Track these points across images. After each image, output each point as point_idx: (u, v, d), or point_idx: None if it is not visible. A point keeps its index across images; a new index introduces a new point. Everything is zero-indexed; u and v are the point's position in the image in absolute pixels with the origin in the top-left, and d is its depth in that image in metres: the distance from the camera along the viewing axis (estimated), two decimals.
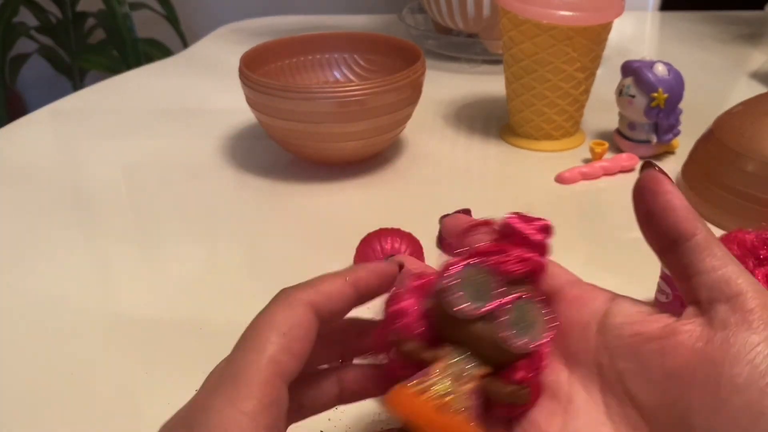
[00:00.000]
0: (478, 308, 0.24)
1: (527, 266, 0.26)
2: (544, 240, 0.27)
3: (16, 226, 0.54)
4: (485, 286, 0.25)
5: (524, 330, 0.25)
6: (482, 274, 0.25)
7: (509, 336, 0.24)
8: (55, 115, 0.74)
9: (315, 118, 0.54)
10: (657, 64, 0.58)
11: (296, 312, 0.25)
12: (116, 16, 1.53)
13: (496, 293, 0.25)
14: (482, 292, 0.25)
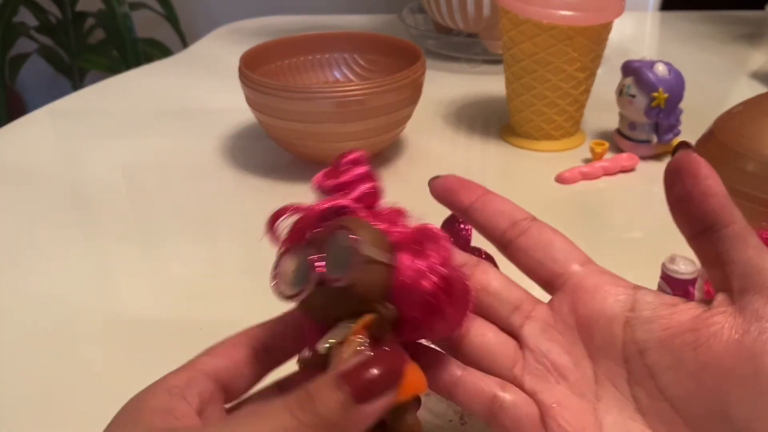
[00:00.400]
0: (296, 290, 0.24)
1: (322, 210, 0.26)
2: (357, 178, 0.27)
3: (15, 226, 0.54)
4: (300, 263, 0.25)
5: (340, 261, 0.24)
6: (295, 254, 0.25)
7: (332, 277, 0.24)
8: (55, 115, 0.74)
9: (315, 118, 0.54)
10: (657, 64, 0.58)
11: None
12: (116, 16, 1.53)
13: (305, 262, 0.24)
14: (301, 268, 0.25)
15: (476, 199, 0.30)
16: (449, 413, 0.35)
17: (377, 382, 0.21)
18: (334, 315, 0.25)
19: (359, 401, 0.21)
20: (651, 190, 0.57)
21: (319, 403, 0.21)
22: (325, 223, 0.26)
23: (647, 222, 0.53)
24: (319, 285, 0.24)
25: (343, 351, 0.24)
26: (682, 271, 0.41)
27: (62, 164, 0.64)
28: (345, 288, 0.24)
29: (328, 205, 0.26)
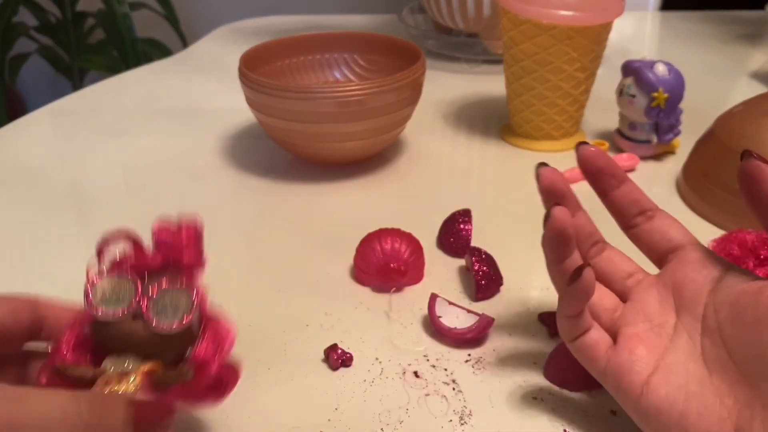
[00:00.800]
0: (117, 310, 0.27)
1: (161, 259, 0.28)
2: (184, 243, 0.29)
3: (16, 226, 0.54)
4: (127, 290, 0.28)
5: (169, 314, 0.27)
6: (124, 281, 0.28)
7: (156, 322, 0.27)
8: (55, 115, 0.74)
9: (315, 118, 0.54)
10: (657, 64, 0.58)
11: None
12: (116, 16, 1.54)
13: (136, 292, 0.28)
14: (124, 295, 0.28)
15: (618, 186, 0.36)
16: (449, 413, 0.35)
17: (157, 424, 0.26)
18: (122, 347, 0.27)
19: (135, 429, 0.25)
20: (651, 189, 0.57)
21: (106, 409, 0.24)
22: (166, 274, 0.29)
23: None
24: (131, 316, 0.27)
25: (121, 381, 0.26)
26: None
27: (62, 164, 0.64)
28: (156, 335, 0.27)
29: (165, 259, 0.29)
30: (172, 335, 0.27)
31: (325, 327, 0.42)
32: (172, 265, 0.29)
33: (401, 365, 0.39)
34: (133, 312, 0.27)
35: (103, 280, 0.28)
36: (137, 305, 0.28)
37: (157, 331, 0.27)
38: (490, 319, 0.40)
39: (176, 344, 0.28)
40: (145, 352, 0.28)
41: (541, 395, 0.36)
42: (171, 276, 0.29)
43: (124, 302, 0.27)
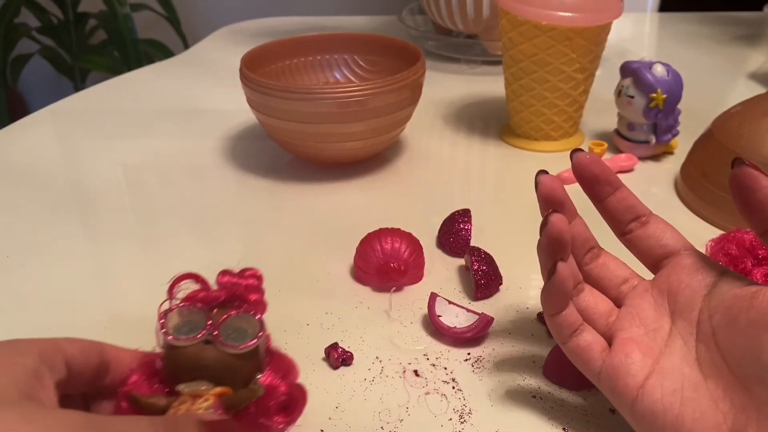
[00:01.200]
0: (190, 336, 0.29)
1: (227, 294, 0.31)
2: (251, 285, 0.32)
3: (17, 226, 0.54)
4: (198, 319, 0.30)
5: (239, 338, 0.30)
6: (194, 312, 0.30)
7: (224, 343, 0.29)
8: (57, 116, 0.74)
9: (315, 118, 0.55)
10: (656, 65, 0.58)
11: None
12: (117, 17, 1.54)
13: (207, 320, 0.30)
14: (195, 324, 0.30)
15: (612, 193, 0.36)
16: (449, 412, 0.36)
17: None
18: (194, 374, 0.29)
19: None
20: (649, 190, 0.58)
21: (181, 430, 0.26)
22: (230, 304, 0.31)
23: None
24: (204, 342, 0.29)
25: (194, 403, 0.28)
26: None
27: (64, 164, 0.65)
28: (228, 356, 0.29)
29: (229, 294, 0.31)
30: (242, 357, 0.29)
31: (325, 326, 0.42)
32: (237, 299, 0.31)
33: (401, 364, 0.39)
34: (204, 338, 0.29)
35: (174, 312, 0.30)
36: (208, 331, 0.29)
37: (228, 352, 0.29)
38: (490, 318, 0.40)
39: (246, 367, 0.30)
40: (217, 377, 0.29)
41: (540, 394, 0.37)
42: (237, 307, 0.31)
43: (196, 330, 0.29)
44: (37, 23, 1.71)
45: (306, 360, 0.39)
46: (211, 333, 0.29)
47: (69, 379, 0.27)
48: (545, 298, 0.33)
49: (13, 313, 0.45)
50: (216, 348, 0.29)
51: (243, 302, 0.32)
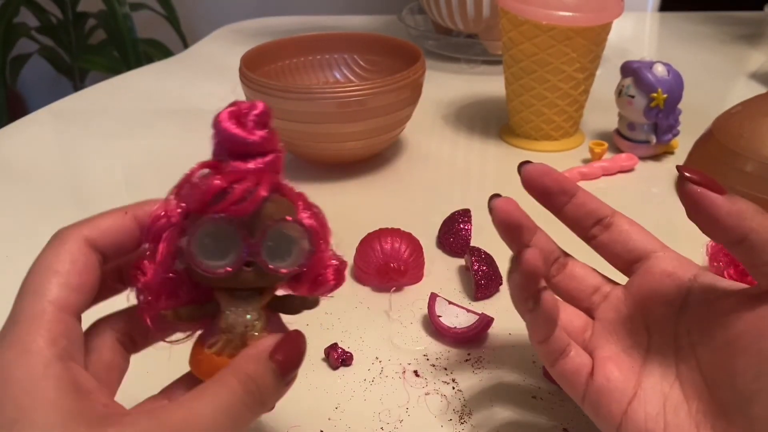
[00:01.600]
0: (224, 265, 0.24)
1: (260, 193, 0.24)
2: (264, 137, 0.25)
3: (16, 226, 0.54)
4: (231, 239, 0.24)
5: (283, 251, 0.24)
6: (224, 227, 0.24)
7: (271, 266, 0.24)
8: (56, 116, 0.74)
9: (315, 118, 0.55)
10: (656, 65, 0.58)
11: (70, 248, 0.25)
12: (117, 17, 1.54)
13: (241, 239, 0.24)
14: (228, 245, 0.24)
15: (569, 200, 0.34)
16: (449, 412, 0.36)
17: (297, 354, 0.25)
18: (239, 288, 0.25)
19: (283, 375, 0.24)
20: (650, 190, 0.58)
21: (258, 378, 0.23)
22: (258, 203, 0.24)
23: (646, 222, 0.53)
24: (246, 265, 0.24)
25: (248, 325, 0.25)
26: None
27: (63, 164, 0.65)
28: (274, 275, 0.24)
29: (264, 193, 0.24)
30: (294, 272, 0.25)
31: (325, 326, 0.42)
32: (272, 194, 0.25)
33: (401, 364, 0.39)
34: (244, 263, 0.24)
35: (200, 229, 0.24)
36: (246, 254, 0.24)
37: (279, 275, 0.25)
38: (490, 318, 0.40)
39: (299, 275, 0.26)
40: (258, 286, 0.25)
41: (540, 394, 0.37)
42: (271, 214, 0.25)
43: (229, 255, 0.24)
44: (37, 23, 1.71)
45: (305, 360, 0.39)
46: (251, 253, 0.24)
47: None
48: (532, 330, 0.30)
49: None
50: (259, 269, 0.24)
51: (278, 187, 0.26)
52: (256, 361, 0.24)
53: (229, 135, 0.25)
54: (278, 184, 0.26)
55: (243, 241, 0.24)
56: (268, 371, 0.24)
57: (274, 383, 0.24)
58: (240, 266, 0.24)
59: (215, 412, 0.23)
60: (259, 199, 0.24)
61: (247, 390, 0.23)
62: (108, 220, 0.27)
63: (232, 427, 0.23)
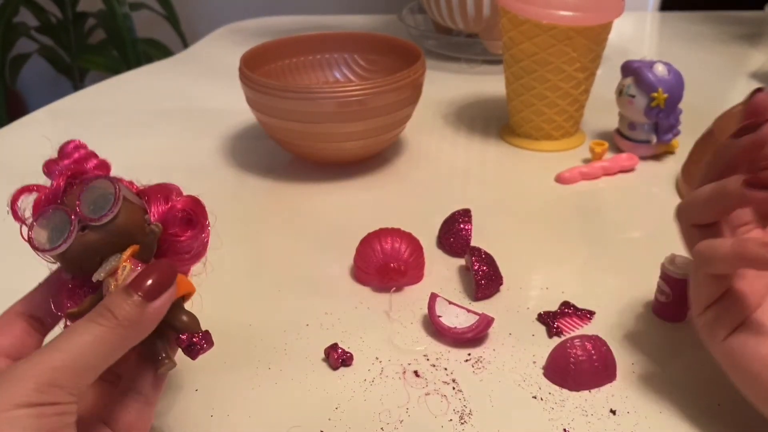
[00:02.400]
0: (66, 236, 0.29)
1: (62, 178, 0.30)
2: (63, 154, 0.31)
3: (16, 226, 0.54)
4: (59, 218, 0.29)
5: (104, 204, 0.29)
6: (51, 214, 0.29)
7: (100, 218, 0.29)
8: (55, 115, 0.74)
9: (315, 118, 0.55)
10: (657, 64, 0.58)
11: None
12: (116, 16, 1.54)
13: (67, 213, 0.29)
14: (61, 223, 0.29)
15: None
16: (449, 412, 0.36)
17: (159, 281, 0.28)
18: (98, 257, 0.29)
19: (149, 299, 0.28)
20: (650, 190, 0.58)
21: (117, 310, 0.27)
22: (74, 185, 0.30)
23: (646, 222, 0.53)
24: (81, 231, 0.29)
25: (117, 277, 0.29)
26: (681, 270, 0.41)
27: None
28: (108, 225, 0.29)
29: (68, 174, 0.30)
30: (120, 216, 0.29)
31: (325, 326, 0.42)
32: (76, 176, 0.31)
33: (401, 365, 0.39)
34: (80, 227, 0.29)
35: (35, 228, 0.30)
36: (77, 219, 0.29)
37: (107, 222, 0.29)
38: (490, 318, 0.40)
39: (131, 219, 0.29)
40: (116, 245, 0.29)
41: (540, 394, 0.37)
42: (78, 185, 0.30)
43: (65, 228, 0.29)
44: (36, 22, 1.71)
45: (306, 360, 0.39)
46: (79, 219, 0.29)
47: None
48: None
49: None
50: (93, 228, 0.29)
51: (81, 174, 0.31)
52: (110, 296, 0.28)
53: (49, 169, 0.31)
54: (82, 172, 0.31)
55: (66, 213, 0.29)
56: (120, 298, 0.27)
57: (130, 307, 0.27)
58: (74, 233, 0.29)
59: (75, 343, 0.27)
60: (60, 185, 0.30)
61: (104, 317, 0.27)
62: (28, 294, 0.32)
63: (102, 353, 0.27)
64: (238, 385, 0.37)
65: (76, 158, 0.31)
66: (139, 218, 0.30)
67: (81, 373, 0.26)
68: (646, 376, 0.38)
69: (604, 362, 0.37)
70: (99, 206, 0.29)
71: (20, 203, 0.31)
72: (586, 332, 0.41)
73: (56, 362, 0.26)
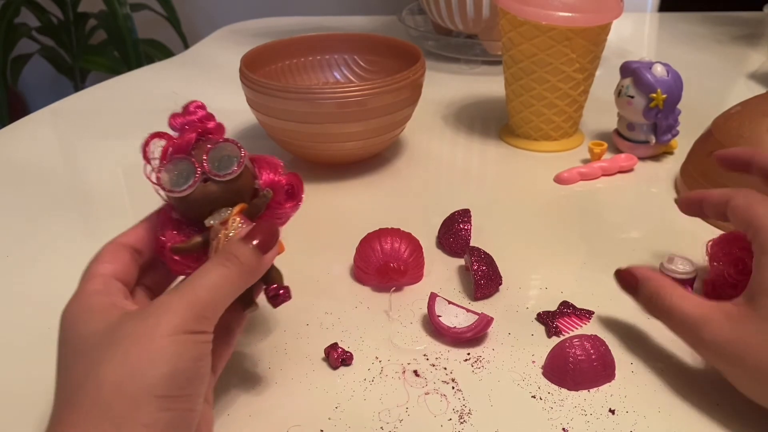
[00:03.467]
0: (190, 182, 0.33)
1: (193, 132, 0.34)
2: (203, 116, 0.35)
3: (17, 226, 0.54)
4: (186, 167, 0.33)
5: (227, 163, 0.33)
6: (179, 162, 0.33)
7: (223, 174, 0.33)
8: (56, 116, 0.74)
9: (315, 118, 0.55)
10: (656, 65, 0.58)
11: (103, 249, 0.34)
12: (117, 17, 1.54)
13: (194, 164, 0.33)
14: (186, 171, 0.33)
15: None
16: (449, 412, 0.36)
17: (270, 237, 0.32)
18: (210, 207, 0.33)
19: (262, 251, 0.32)
20: (649, 190, 0.58)
21: (240, 255, 0.31)
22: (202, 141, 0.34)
23: (646, 222, 0.53)
24: (203, 182, 0.33)
25: (227, 227, 0.33)
26: (680, 270, 0.41)
27: (64, 164, 0.65)
28: (228, 182, 0.33)
29: (198, 131, 0.34)
30: (239, 176, 0.33)
31: (325, 326, 0.42)
32: (203, 134, 0.35)
33: (401, 364, 0.39)
34: (203, 178, 0.33)
35: (163, 171, 0.33)
36: (201, 171, 0.33)
37: (227, 179, 0.33)
38: (490, 318, 0.40)
39: (246, 181, 0.34)
40: (229, 200, 0.33)
41: (539, 394, 0.37)
42: (208, 141, 0.34)
43: (189, 176, 0.33)
44: (37, 23, 1.71)
45: (306, 360, 0.39)
46: (204, 172, 0.33)
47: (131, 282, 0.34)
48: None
49: (12, 313, 0.45)
50: (215, 181, 0.33)
51: (208, 134, 0.35)
52: (234, 243, 0.32)
53: (172, 123, 0.36)
54: (207, 131, 0.35)
55: (194, 165, 0.33)
56: (246, 248, 0.31)
57: (251, 254, 0.31)
58: (198, 182, 0.33)
59: (204, 276, 0.30)
60: (192, 137, 0.34)
61: (229, 260, 0.31)
62: (131, 228, 0.35)
63: (223, 285, 0.31)
64: (238, 385, 0.38)
65: (201, 116, 0.35)
66: (251, 182, 0.34)
67: (219, 307, 0.30)
68: (644, 376, 0.38)
69: (603, 362, 0.37)
70: (224, 164, 0.33)
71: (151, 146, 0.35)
72: (585, 332, 0.41)
73: (204, 296, 0.30)
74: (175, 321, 0.29)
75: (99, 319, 0.30)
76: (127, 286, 0.33)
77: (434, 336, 0.41)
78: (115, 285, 0.32)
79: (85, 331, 0.30)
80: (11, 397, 0.38)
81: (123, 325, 0.29)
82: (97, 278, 0.32)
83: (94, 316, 0.30)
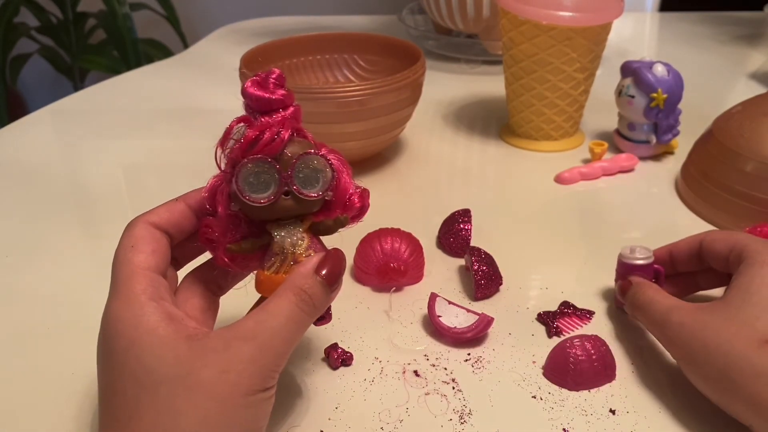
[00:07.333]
0: (267, 196, 0.30)
1: (284, 135, 0.30)
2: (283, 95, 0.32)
3: (17, 226, 0.54)
4: (269, 174, 0.30)
5: (312, 180, 0.31)
6: (263, 165, 0.30)
7: (306, 192, 0.30)
8: (56, 115, 0.74)
9: (315, 118, 0.55)
10: (656, 65, 0.58)
11: (138, 230, 0.31)
12: (117, 17, 1.54)
13: (278, 173, 0.30)
14: (267, 179, 0.30)
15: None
16: (449, 412, 0.36)
17: (339, 270, 0.31)
18: (278, 216, 0.31)
19: (330, 285, 0.30)
20: (649, 190, 0.58)
21: (310, 290, 0.29)
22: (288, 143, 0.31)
23: (646, 222, 0.53)
24: (284, 195, 0.30)
25: (294, 243, 0.31)
26: (640, 257, 0.41)
27: (63, 164, 0.65)
28: (308, 200, 0.30)
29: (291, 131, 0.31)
30: (321, 197, 0.31)
31: (325, 326, 0.42)
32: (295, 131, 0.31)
33: (401, 364, 0.39)
34: (283, 192, 0.30)
35: (243, 170, 0.30)
36: (283, 185, 0.30)
37: (310, 199, 0.30)
38: (490, 318, 0.40)
39: (321, 203, 0.31)
40: (297, 214, 0.31)
41: (540, 394, 0.37)
42: (296, 143, 0.31)
43: (270, 187, 0.30)
44: (37, 23, 1.71)
45: (306, 360, 0.39)
46: (286, 185, 0.30)
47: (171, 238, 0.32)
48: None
49: (13, 312, 0.44)
50: (295, 196, 0.30)
51: (300, 131, 0.32)
52: (306, 276, 0.30)
53: (255, 97, 0.31)
54: (299, 129, 0.32)
55: (279, 174, 0.30)
56: (316, 283, 0.30)
57: (322, 292, 0.30)
58: (279, 195, 0.30)
59: (277, 318, 0.29)
60: (284, 139, 0.30)
61: (301, 299, 0.29)
62: (163, 206, 0.33)
63: (294, 330, 0.29)
64: None
65: (293, 112, 0.32)
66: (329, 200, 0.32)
67: (287, 356, 0.29)
68: (645, 376, 0.38)
69: (604, 362, 0.37)
70: (309, 180, 0.30)
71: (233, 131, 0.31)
72: (586, 332, 0.41)
73: (278, 346, 0.28)
74: (254, 380, 0.28)
75: (163, 346, 0.27)
76: (163, 275, 0.31)
77: (434, 336, 0.41)
78: (162, 283, 0.30)
79: (148, 359, 0.27)
80: (11, 397, 0.38)
81: (197, 370, 0.27)
82: (141, 275, 0.30)
83: (155, 341, 0.28)
